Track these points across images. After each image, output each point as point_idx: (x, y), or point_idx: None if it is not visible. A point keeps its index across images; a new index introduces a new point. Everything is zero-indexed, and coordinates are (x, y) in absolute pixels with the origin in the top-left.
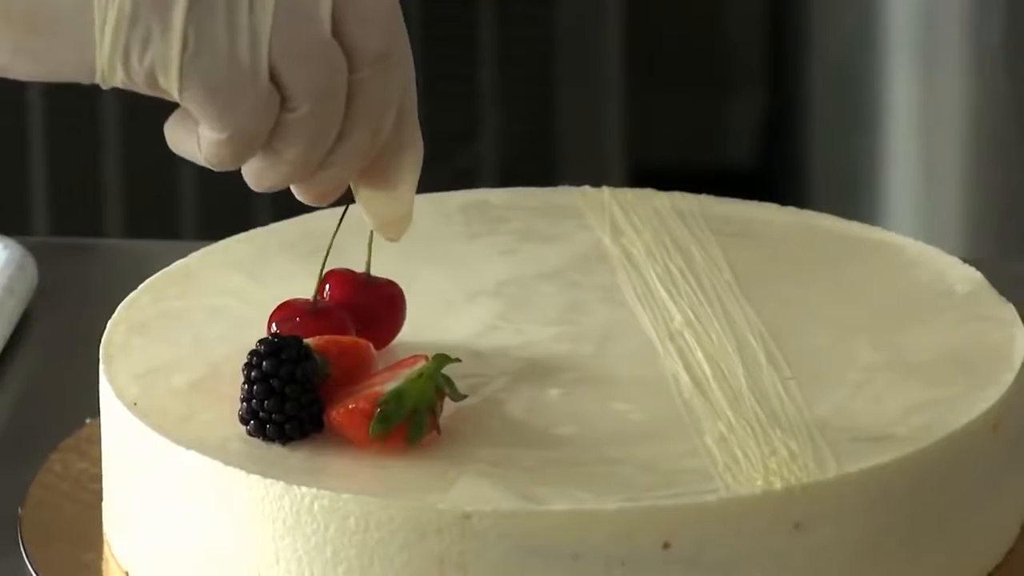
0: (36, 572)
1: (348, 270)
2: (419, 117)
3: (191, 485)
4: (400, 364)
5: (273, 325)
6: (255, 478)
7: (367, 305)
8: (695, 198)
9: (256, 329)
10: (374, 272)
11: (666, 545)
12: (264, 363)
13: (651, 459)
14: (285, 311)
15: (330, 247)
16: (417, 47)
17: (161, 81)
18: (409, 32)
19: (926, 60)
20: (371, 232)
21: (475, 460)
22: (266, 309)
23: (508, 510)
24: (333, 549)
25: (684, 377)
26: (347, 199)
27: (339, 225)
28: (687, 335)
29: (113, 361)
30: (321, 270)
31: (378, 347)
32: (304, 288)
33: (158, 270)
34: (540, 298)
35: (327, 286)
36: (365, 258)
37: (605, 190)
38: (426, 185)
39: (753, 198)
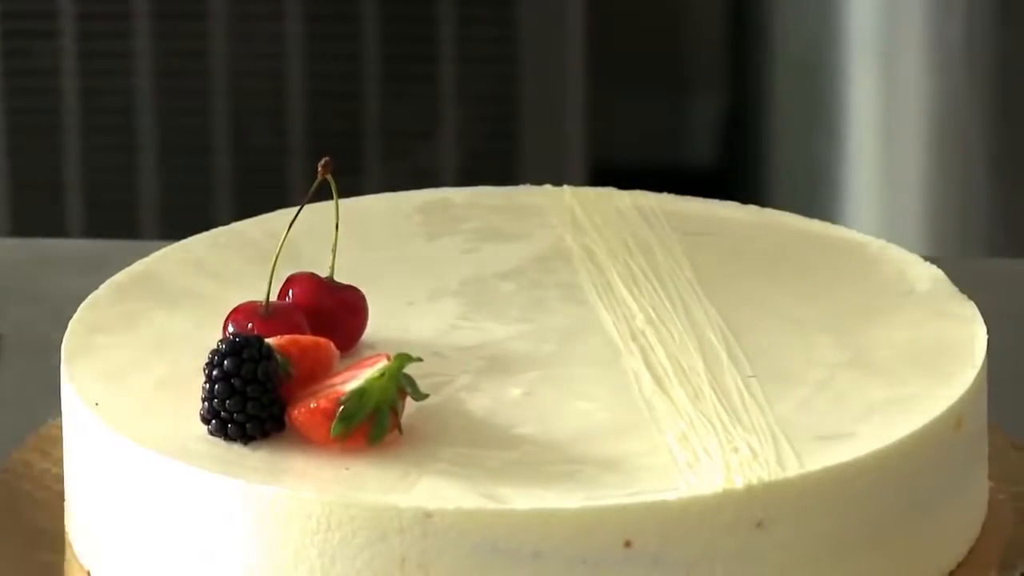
0: None
1: (312, 274)
2: (380, 115)
3: (153, 485)
4: (361, 363)
5: (229, 328)
6: (216, 478)
7: (329, 310)
8: (656, 197)
9: (217, 329)
10: (335, 272)
11: (627, 544)
12: (225, 362)
13: (613, 458)
14: (239, 315)
15: (281, 246)
16: (377, 45)
17: None
18: (369, 30)
19: (887, 59)
20: (334, 236)
21: (437, 459)
22: (227, 308)
23: (470, 509)
24: (295, 549)
25: (646, 375)
26: (302, 198)
27: (291, 224)
28: (648, 334)
29: (75, 361)
30: (272, 270)
31: (339, 351)
32: (265, 288)
33: (119, 270)
34: (501, 297)
35: (290, 290)
36: (323, 259)
37: (566, 189)
38: (386, 184)
39: (714, 197)
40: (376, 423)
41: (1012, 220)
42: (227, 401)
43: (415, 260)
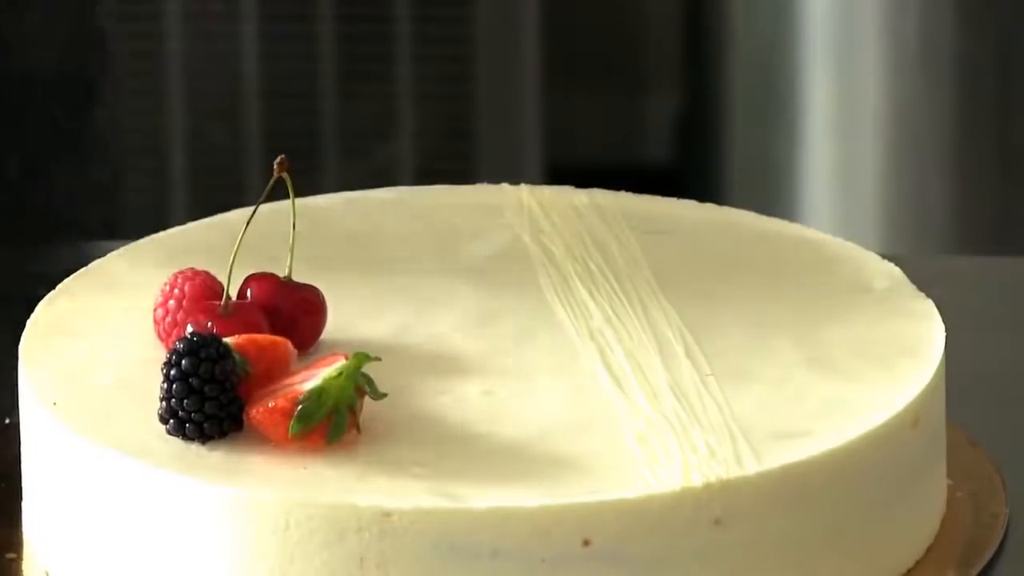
0: None
1: (270, 273)
2: (336, 114)
3: (111, 484)
4: (319, 363)
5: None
6: (174, 477)
7: (288, 309)
8: (614, 195)
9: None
10: (294, 272)
11: (586, 542)
12: (183, 362)
13: (571, 457)
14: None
15: (238, 246)
16: (333, 44)
17: None
18: (325, 30)
19: (843, 58)
20: (292, 236)
21: (395, 459)
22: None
23: (428, 508)
24: (253, 548)
25: (604, 374)
26: (256, 197)
27: (248, 223)
28: (606, 333)
29: (32, 361)
30: (229, 270)
31: (298, 351)
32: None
33: (75, 270)
34: (459, 296)
35: (248, 289)
36: (283, 259)
37: (524, 187)
38: (343, 183)
39: (671, 196)
40: (334, 422)
41: (969, 218)
42: (185, 400)
43: (373, 259)
